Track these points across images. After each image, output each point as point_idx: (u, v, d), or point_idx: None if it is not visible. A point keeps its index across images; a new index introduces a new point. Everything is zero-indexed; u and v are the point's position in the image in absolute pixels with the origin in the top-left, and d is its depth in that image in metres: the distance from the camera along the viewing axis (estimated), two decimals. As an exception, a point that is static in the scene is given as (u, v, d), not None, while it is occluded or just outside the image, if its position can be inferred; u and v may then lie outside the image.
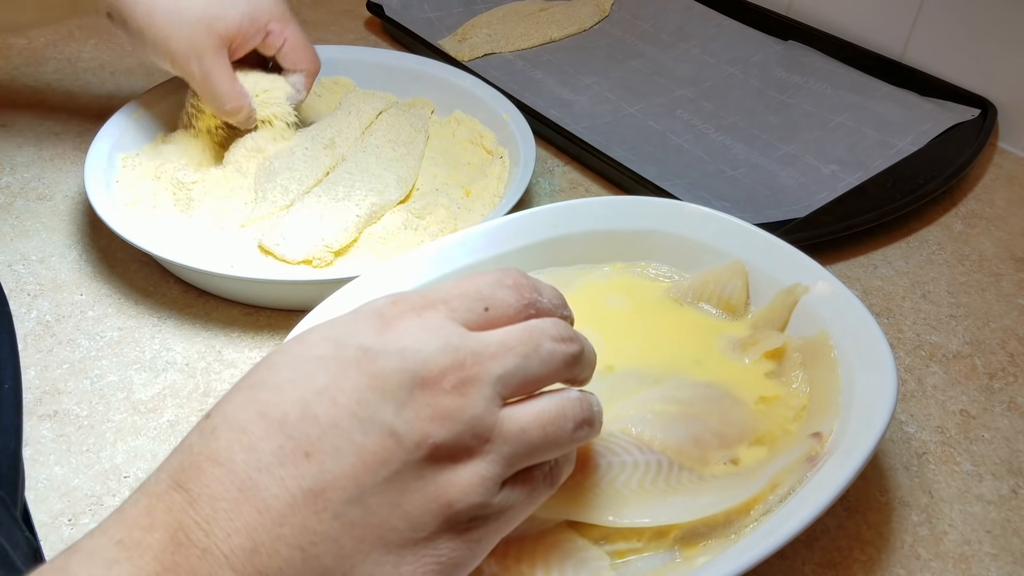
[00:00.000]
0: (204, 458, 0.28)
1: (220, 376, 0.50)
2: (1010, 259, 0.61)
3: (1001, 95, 0.72)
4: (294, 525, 0.27)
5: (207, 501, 0.27)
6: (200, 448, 0.28)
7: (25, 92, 0.75)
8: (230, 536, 0.27)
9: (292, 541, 0.27)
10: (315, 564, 0.28)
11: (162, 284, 0.56)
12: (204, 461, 0.28)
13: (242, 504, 0.27)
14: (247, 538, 0.27)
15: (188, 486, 0.27)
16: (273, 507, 0.27)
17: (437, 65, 0.72)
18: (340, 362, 0.29)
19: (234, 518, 0.27)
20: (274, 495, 0.27)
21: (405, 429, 0.29)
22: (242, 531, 0.27)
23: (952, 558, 0.42)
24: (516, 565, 0.36)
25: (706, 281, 0.50)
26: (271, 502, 0.27)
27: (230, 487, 0.27)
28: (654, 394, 0.43)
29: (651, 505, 0.38)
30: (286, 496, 0.27)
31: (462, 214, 0.59)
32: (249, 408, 0.29)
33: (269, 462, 0.28)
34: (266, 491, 0.27)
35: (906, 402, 0.50)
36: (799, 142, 0.71)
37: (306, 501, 0.27)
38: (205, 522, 0.27)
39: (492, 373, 0.30)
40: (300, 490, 0.27)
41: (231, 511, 0.27)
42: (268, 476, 0.27)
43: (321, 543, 0.28)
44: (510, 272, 0.34)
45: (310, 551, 0.27)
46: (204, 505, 0.27)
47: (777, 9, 0.86)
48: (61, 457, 0.45)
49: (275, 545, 0.27)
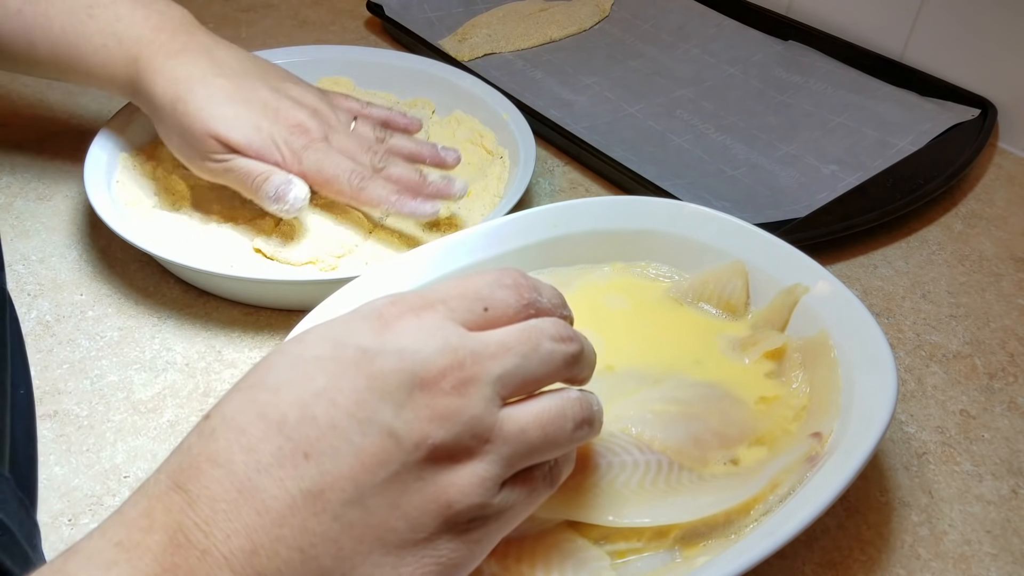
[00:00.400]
0: (203, 459, 0.28)
1: (220, 376, 0.50)
2: (1010, 259, 0.61)
3: (1001, 95, 0.72)
4: (293, 526, 0.27)
5: (206, 502, 0.27)
6: (199, 449, 0.28)
7: (25, 92, 0.75)
8: (229, 537, 0.27)
9: (291, 542, 0.27)
10: (314, 565, 0.27)
11: (162, 284, 0.56)
12: (203, 462, 0.28)
13: (241, 505, 0.27)
14: (246, 539, 0.27)
15: (187, 487, 0.27)
16: (272, 508, 0.27)
17: (437, 65, 0.72)
18: (339, 363, 0.29)
19: (233, 519, 0.27)
20: (273, 496, 0.27)
21: (404, 430, 0.29)
22: (241, 532, 0.27)
23: (952, 558, 0.42)
24: (516, 565, 0.36)
25: (706, 281, 0.50)
26: (270, 503, 0.27)
27: (229, 488, 0.27)
28: (654, 394, 0.43)
29: (651, 505, 0.38)
30: (285, 497, 0.27)
31: (462, 214, 0.59)
32: (248, 409, 0.29)
33: (268, 463, 0.27)
34: (265, 492, 0.27)
35: (906, 402, 0.50)
36: (799, 142, 0.71)
37: (305, 502, 0.27)
38: (204, 523, 0.27)
39: (491, 373, 0.30)
40: (299, 491, 0.27)
41: (230, 512, 0.27)
42: (267, 477, 0.27)
43: (320, 544, 0.28)
44: (509, 272, 0.34)
45: (309, 552, 0.27)
46: (203, 506, 0.27)
47: (777, 9, 0.86)
48: (61, 457, 0.45)
49: (274, 546, 0.27)
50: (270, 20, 0.90)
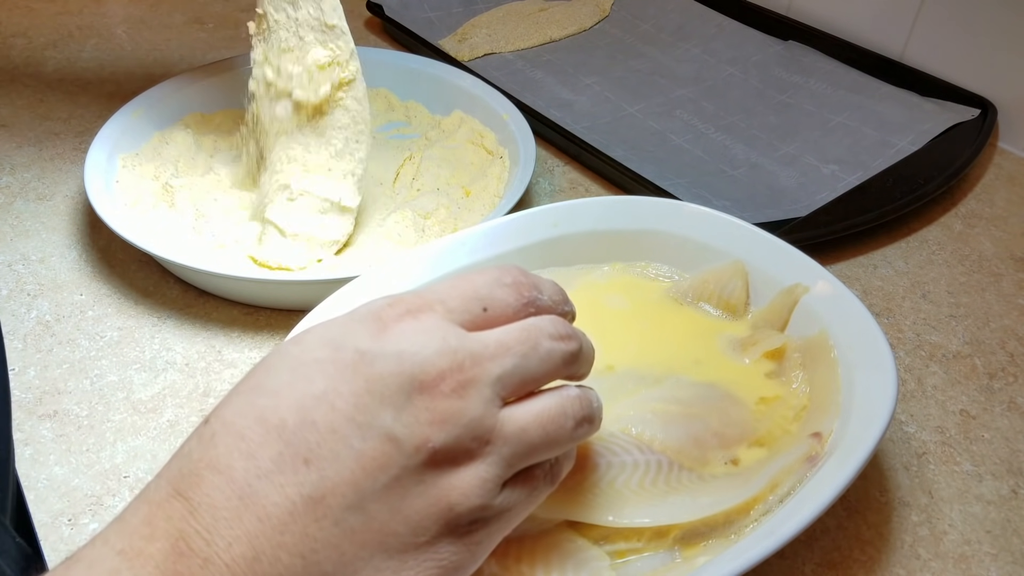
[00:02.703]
0: (204, 465, 0.28)
1: (220, 376, 0.50)
2: (1010, 259, 0.61)
3: (1001, 95, 0.72)
4: (295, 533, 0.27)
5: (207, 510, 0.27)
6: (199, 455, 0.28)
7: (25, 92, 0.75)
8: (231, 545, 0.27)
9: (293, 549, 0.27)
10: (316, 571, 0.27)
11: (162, 284, 0.56)
12: (204, 468, 0.28)
13: (243, 512, 0.27)
14: (248, 547, 0.27)
15: (188, 495, 0.27)
16: (274, 515, 0.27)
17: (437, 65, 0.72)
18: (337, 365, 0.29)
19: (235, 527, 0.27)
20: (274, 503, 0.27)
21: (404, 434, 0.28)
22: (243, 539, 0.27)
23: (952, 558, 0.42)
24: (516, 565, 0.36)
25: (706, 281, 0.50)
26: (271, 510, 0.27)
27: (230, 495, 0.27)
28: (654, 394, 0.43)
29: (651, 505, 0.38)
30: (286, 504, 0.27)
31: (462, 214, 0.59)
32: (247, 413, 0.28)
33: (268, 469, 0.27)
34: (266, 499, 0.27)
35: (906, 402, 0.50)
36: (799, 142, 0.71)
37: (306, 508, 0.27)
38: (206, 531, 0.27)
39: (491, 374, 0.30)
40: (300, 497, 0.27)
41: (232, 520, 0.27)
42: (268, 483, 0.27)
43: (322, 550, 0.27)
44: (509, 270, 0.34)
45: (311, 558, 0.27)
46: (205, 514, 0.27)
47: (777, 9, 0.86)
48: (61, 457, 0.45)
49: (276, 553, 0.27)
50: (270, 20, 0.90)
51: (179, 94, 0.66)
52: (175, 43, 0.85)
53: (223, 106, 0.69)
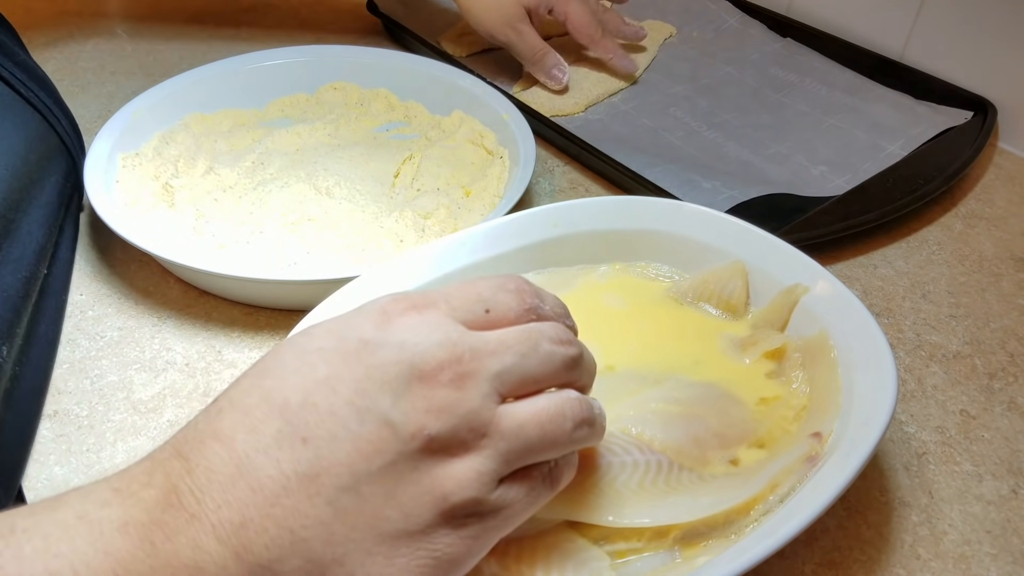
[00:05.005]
0: (208, 434, 0.29)
1: (220, 376, 0.50)
2: (1010, 259, 0.61)
3: (1001, 95, 0.72)
4: (286, 507, 0.28)
5: (204, 472, 0.28)
6: (205, 426, 0.30)
7: (25, 92, 0.75)
8: (220, 508, 0.28)
9: (283, 522, 0.28)
10: (303, 547, 0.28)
11: (162, 284, 0.56)
12: (207, 437, 0.29)
13: (237, 480, 0.28)
14: (237, 512, 0.28)
15: (188, 456, 0.29)
16: (267, 487, 0.28)
17: (437, 65, 0.72)
18: (341, 354, 0.30)
19: (227, 492, 0.28)
20: (269, 476, 0.28)
21: (401, 420, 0.29)
22: (233, 504, 0.28)
23: (952, 558, 0.42)
24: (516, 565, 0.36)
25: (706, 281, 0.50)
26: (265, 482, 0.28)
27: (228, 462, 0.28)
28: (654, 394, 0.43)
29: (651, 505, 0.38)
30: (280, 478, 0.28)
31: (462, 214, 0.59)
32: (253, 393, 0.30)
33: (267, 444, 0.29)
34: (261, 471, 0.28)
35: (906, 402, 0.50)
36: (791, 141, 0.71)
37: (300, 485, 0.28)
38: (199, 490, 0.28)
39: (490, 369, 0.31)
40: (295, 473, 0.28)
41: (225, 484, 0.28)
42: (265, 457, 0.28)
43: (312, 527, 0.28)
44: (513, 278, 0.35)
45: (300, 534, 0.28)
46: (200, 475, 0.28)
47: (777, 9, 0.86)
48: (61, 457, 0.45)
49: (264, 523, 0.28)
50: (270, 20, 0.90)
51: (179, 94, 0.66)
52: (175, 43, 0.85)
53: (223, 106, 0.69)
